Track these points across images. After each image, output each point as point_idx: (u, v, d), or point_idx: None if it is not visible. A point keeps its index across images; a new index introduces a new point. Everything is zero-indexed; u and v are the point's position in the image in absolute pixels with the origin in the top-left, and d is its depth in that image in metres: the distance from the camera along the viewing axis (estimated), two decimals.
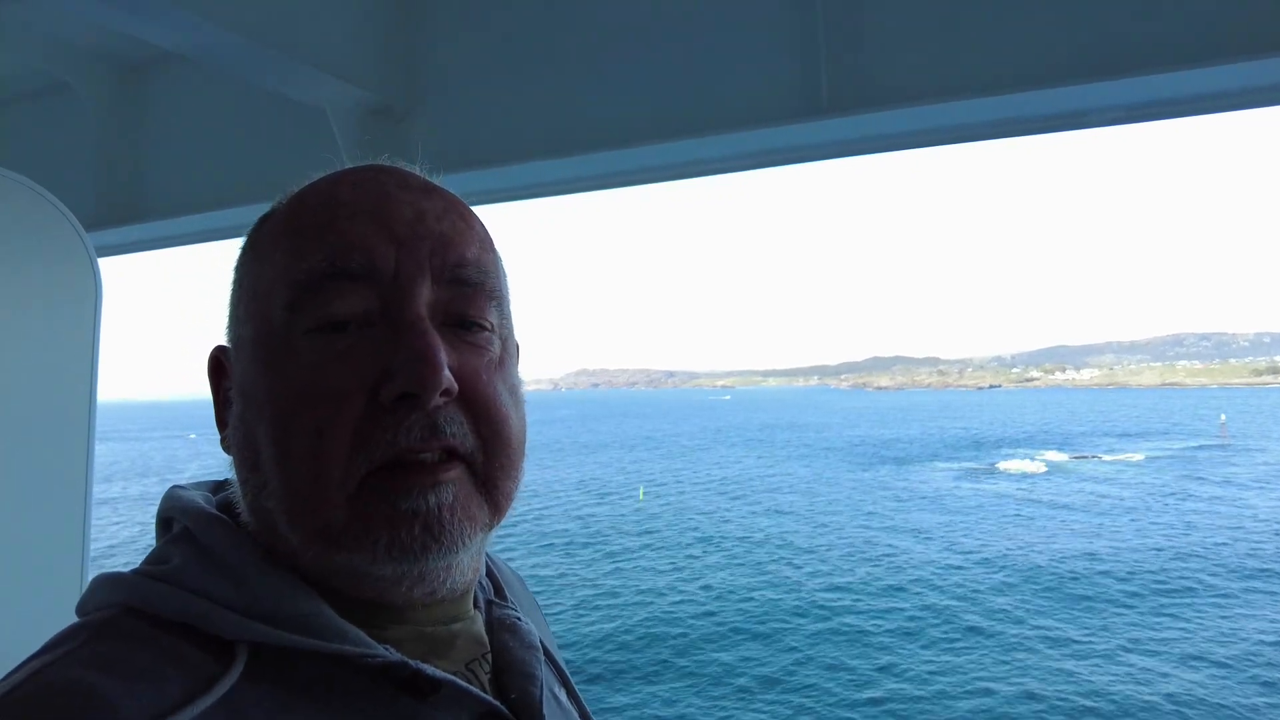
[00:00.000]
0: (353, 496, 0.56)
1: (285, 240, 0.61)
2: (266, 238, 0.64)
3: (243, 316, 0.63)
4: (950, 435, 74.57)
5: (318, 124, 2.23)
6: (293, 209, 0.64)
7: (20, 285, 1.55)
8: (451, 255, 0.61)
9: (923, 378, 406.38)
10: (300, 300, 0.58)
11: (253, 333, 0.61)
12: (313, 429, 0.56)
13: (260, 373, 0.60)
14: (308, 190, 0.65)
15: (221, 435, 0.66)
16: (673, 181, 2.28)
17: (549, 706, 0.68)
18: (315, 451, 0.56)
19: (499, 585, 0.80)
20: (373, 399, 0.56)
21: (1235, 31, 1.57)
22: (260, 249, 0.64)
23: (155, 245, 2.82)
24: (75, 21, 2.41)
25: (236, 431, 0.62)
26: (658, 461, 55.39)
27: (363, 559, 0.57)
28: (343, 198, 0.61)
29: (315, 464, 0.56)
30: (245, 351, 0.62)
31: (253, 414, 0.60)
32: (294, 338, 0.58)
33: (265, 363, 0.59)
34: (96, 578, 0.60)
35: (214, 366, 0.67)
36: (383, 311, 0.59)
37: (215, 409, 0.66)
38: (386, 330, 0.58)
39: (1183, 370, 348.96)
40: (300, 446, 0.56)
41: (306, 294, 0.58)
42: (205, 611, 0.56)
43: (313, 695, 0.55)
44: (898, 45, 1.83)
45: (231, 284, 0.67)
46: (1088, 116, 1.83)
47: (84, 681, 0.48)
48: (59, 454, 1.60)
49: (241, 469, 0.62)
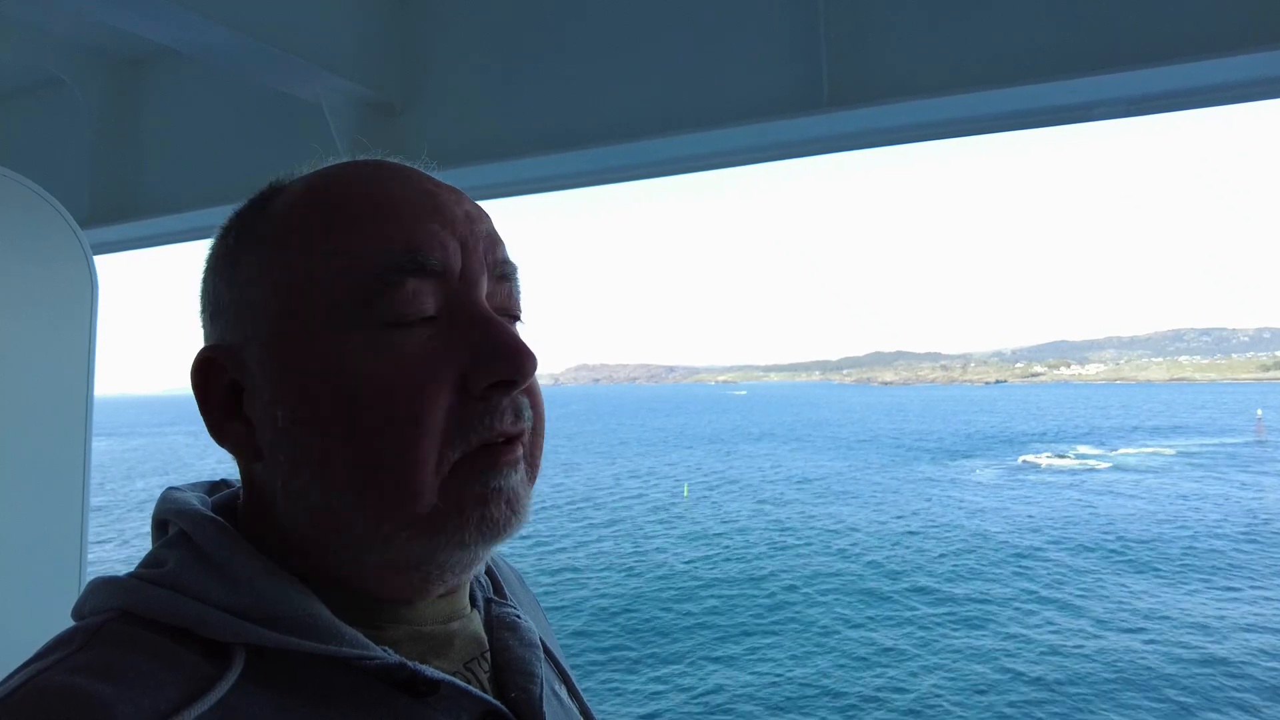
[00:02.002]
0: (445, 481, 0.59)
1: (338, 232, 0.60)
2: (295, 229, 0.62)
3: (275, 312, 0.61)
4: (977, 430, 74.98)
5: (314, 120, 2.22)
6: (332, 200, 0.62)
7: (15, 283, 1.54)
8: (498, 253, 0.66)
9: (926, 373, 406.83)
10: (376, 295, 0.59)
11: (300, 327, 0.59)
12: (409, 419, 0.57)
13: (323, 369, 0.59)
14: (337, 181, 0.64)
15: (227, 441, 0.64)
16: (672, 176, 2.27)
17: (549, 705, 0.68)
18: (413, 441, 0.57)
19: (498, 583, 0.80)
20: (461, 388, 0.59)
21: (1241, 23, 1.55)
22: (288, 240, 0.62)
23: (151, 243, 2.81)
24: (69, 17, 2.40)
25: (283, 434, 0.60)
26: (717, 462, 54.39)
27: (454, 539, 0.59)
28: (397, 193, 0.62)
29: (413, 453, 0.57)
30: (286, 348, 0.60)
31: (313, 412, 0.59)
32: (371, 332, 0.58)
33: (328, 357, 0.58)
34: (92, 581, 0.60)
35: (207, 370, 0.64)
36: (446, 307, 0.61)
37: (211, 416, 0.64)
38: (455, 325, 0.61)
39: (1190, 365, 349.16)
40: (394, 439, 0.57)
41: (385, 288, 0.59)
42: (201, 615, 0.55)
43: (311, 698, 0.55)
44: (899, 38, 1.82)
45: (234, 280, 0.63)
46: (1090, 110, 1.81)
47: (79, 687, 0.48)
48: (55, 452, 1.59)
49: (291, 471, 0.60)
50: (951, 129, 1.92)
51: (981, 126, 1.91)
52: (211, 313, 0.65)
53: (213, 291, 0.65)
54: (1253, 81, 1.66)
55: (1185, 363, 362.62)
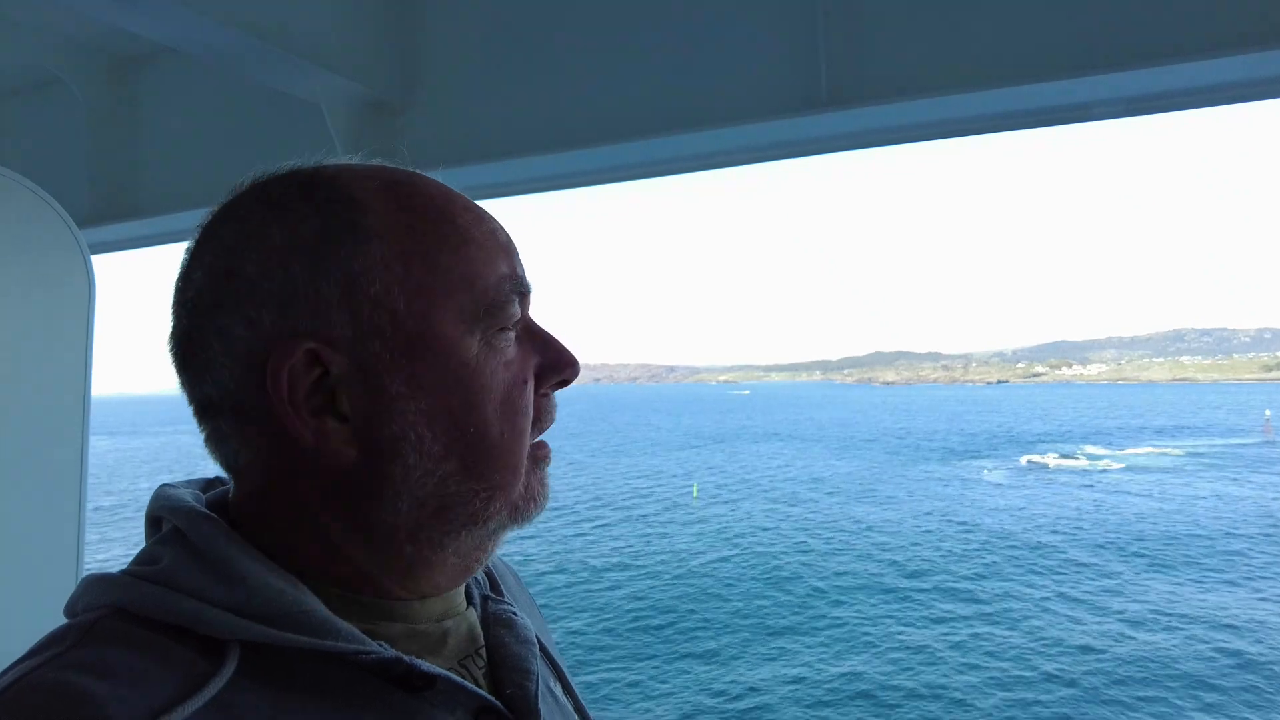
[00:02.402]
0: (528, 468, 0.68)
1: (462, 251, 0.65)
2: (427, 237, 0.63)
3: (405, 310, 0.61)
4: (983, 430, 74.85)
5: (312, 119, 2.21)
6: (448, 216, 0.66)
7: (13, 282, 1.54)
8: None
9: (927, 373, 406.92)
10: (489, 305, 0.65)
11: (433, 328, 0.63)
12: (524, 409, 0.66)
13: (452, 364, 0.63)
14: (441, 197, 0.68)
15: (305, 438, 0.61)
16: (672, 176, 2.26)
17: (545, 702, 0.68)
18: (523, 428, 0.66)
19: (494, 581, 0.80)
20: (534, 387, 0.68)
21: (1239, 23, 1.55)
22: (425, 247, 0.63)
23: (149, 242, 2.81)
24: (66, 15, 2.40)
25: (395, 427, 0.61)
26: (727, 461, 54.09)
27: (527, 517, 0.68)
28: (487, 218, 0.70)
29: (523, 439, 0.67)
30: (420, 344, 0.62)
31: (452, 400, 0.63)
32: (490, 335, 0.65)
33: (456, 355, 0.63)
34: (85, 578, 0.60)
35: (291, 363, 0.60)
36: (519, 319, 0.69)
37: (291, 411, 0.60)
38: (525, 335, 0.69)
39: (1192, 366, 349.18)
40: (514, 426, 0.66)
41: (498, 301, 0.65)
42: (196, 611, 0.55)
43: (306, 693, 0.55)
44: (898, 38, 1.82)
45: (329, 270, 0.61)
46: (1088, 110, 1.81)
47: (72, 685, 0.48)
48: (53, 451, 1.59)
49: (407, 458, 0.61)
50: (949, 129, 1.92)
51: (979, 126, 1.91)
52: (280, 299, 0.60)
53: (278, 277, 0.61)
54: (1251, 81, 1.66)
55: (1187, 363, 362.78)
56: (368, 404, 0.61)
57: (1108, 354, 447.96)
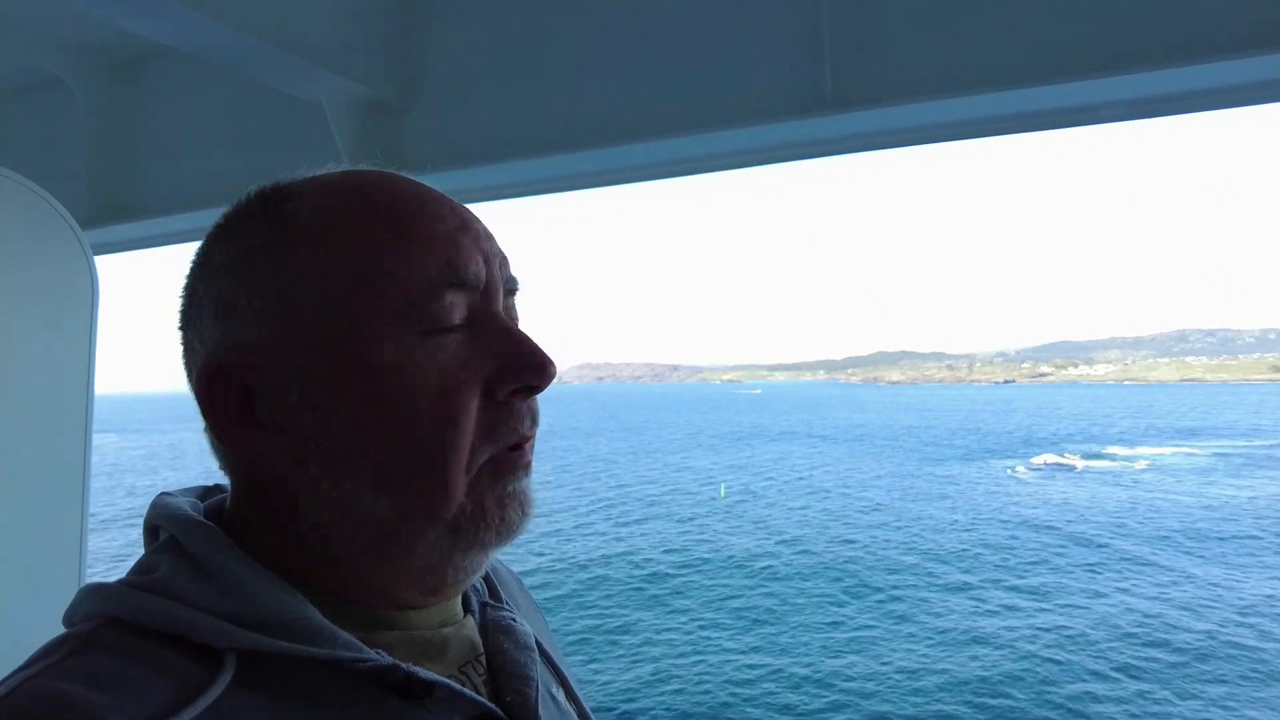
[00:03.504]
0: (473, 483, 0.62)
1: (390, 244, 0.62)
2: (351, 236, 0.62)
3: (322, 315, 0.61)
4: (1004, 430, 74.87)
5: (315, 120, 2.21)
6: (381, 211, 0.63)
7: (15, 283, 1.54)
8: (509, 269, 0.69)
9: (932, 372, 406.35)
10: (418, 305, 0.61)
11: (349, 332, 0.60)
12: (449, 421, 0.60)
13: (371, 371, 0.60)
14: (384, 191, 0.65)
15: (238, 449, 0.63)
16: (676, 178, 2.26)
17: (545, 708, 0.68)
18: (451, 440, 0.60)
19: (494, 587, 0.80)
20: (486, 393, 0.62)
21: (1245, 26, 1.54)
22: (346, 247, 0.62)
23: (152, 243, 2.80)
24: (67, 16, 2.39)
25: (321, 434, 0.60)
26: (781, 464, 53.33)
27: (475, 541, 0.62)
28: (434, 208, 0.65)
29: (451, 452, 0.60)
30: (335, 351, 0.60)
31: (367, 411, 0.60)
32: (410, 339, 0.60)
33: (375, 361, 0.60)
34: (83, 588, 0.60)
35: (220, 377, 0.63)
36: (472, 317, 0.64)
37: (223, 419, 0.63)
38: (481, 334, 0.63)
39: (1200, 366, 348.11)
40: (435, 439, 0.60)
41: (427, 299, 0.61)
42: (192, 620, 0.55)
43: (304, 701, 0.55)
44: (903, 39, 1.81)
45: (255, 283, 0.63)
46: (1095, 112, 1.80)
47: (67, 694, 0.48)
48: (55, 453, 1.59)
49: (328, 470, 0.60)
50: (954, 131, 1.91)
51: (984, 129, 1.90)
52: (217, 314, 0.64)
53: (219, 293, 0.64)
54: (1256, 84, 1.66)
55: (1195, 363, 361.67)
56: (286, 415, 0.62)
57: (1111, 354, 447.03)
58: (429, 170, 0.68)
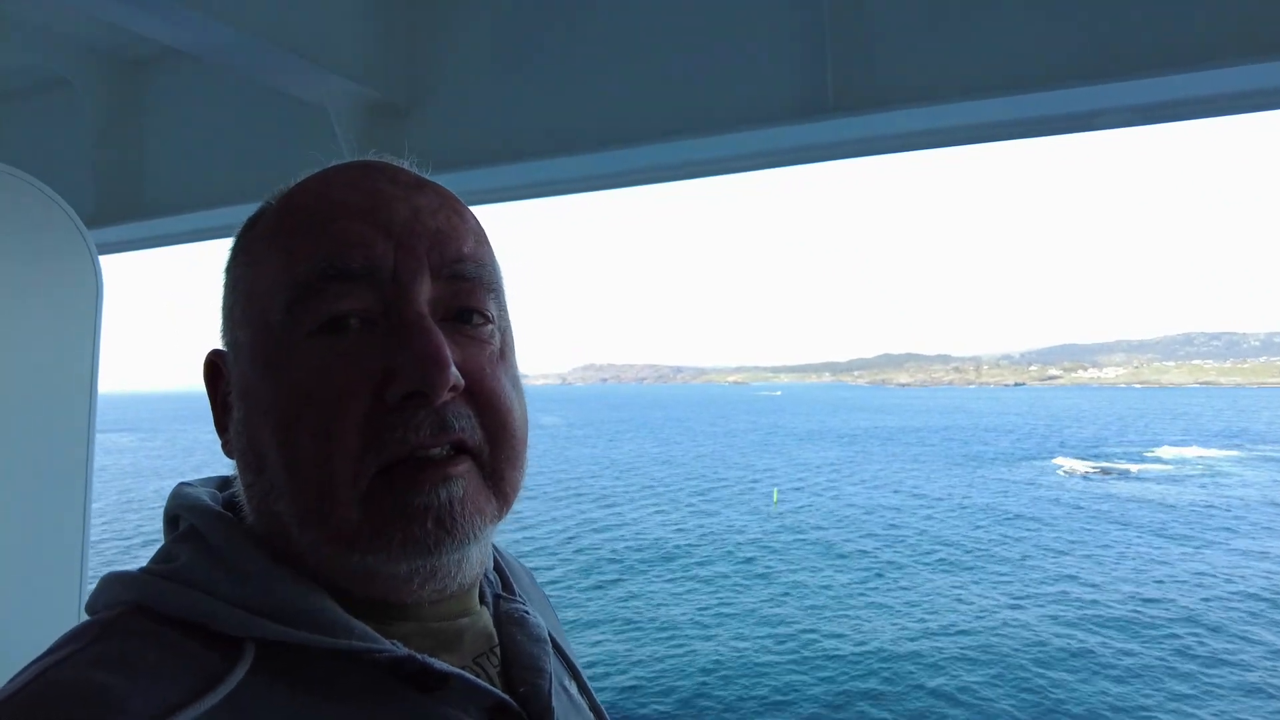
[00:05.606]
0: (365, 496, 0.56)
1: (280, 241, 0.62)
2: (259, 240, 0.64)
3: (239, 320, 0.63)
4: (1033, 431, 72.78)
5: (319, 121, 2.22)
6: (284, 210, 0.64)
7: (21, 282, 1.54)
8: (449, 251, 0.62)
9: (940, 375, 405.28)
10: (299, 302, 0.59)
11: (250, 336, 0.61)
12: (321, 431, 0.56)
13: (261, 376, 0.60)
14: (297, 190, 0.65)
15: (223, 440, 0.66)
16: (678, 181, 2.26)
17: (559, 699, 0.68)
18: (325, 453, 0.56)
19: (507, 579, 0.80)
20: (378, 398, 0.57)
21: (1249, 31, 1.55)
22: (253, 251, 0.64)
23: (156, 243, 2.82)
24: (74, 16, 2.41)
25: (240, 436, 0.62)
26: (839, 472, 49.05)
27: (378, 558, 0.57)
28: (335, 197, 0.62)
29: (326, 466, 0.56)
30: (244, 355, 0.62)
31: (256, 418, 0.60)
32: (295, 340, 0.59)
33: (266, 366, 0.60)
34: (105, 576, 0.61)
35: (211, 371, 0.67)
36: (384, 311, 0.59)
37: (214, 414, 0.66)
38: (389, 329, 0.58)
39: (1211, 369, 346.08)
40: (309, 449, 0.56)
41: (306, 295, 0.58)
42: (212, 609, 0.56)
43: (320, 691, 0.55)
44: (904, 45, 1.81)
45: (224, 287, 0.67)
46: (1097, 118, 1.80)
47: (91, 680, 0.49)
48: (60, 450, 1.60)
49: (246, 473, 0.62)
50: (955, 137, 1.92)
51: (985, 134, 1.90)
52: (220, 313, 0.68)
53: (221, 293, 0.68)
54: (1259, 91, 1.65)
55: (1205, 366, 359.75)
56: (229, 416, 0.65)
57: (1117, 357, 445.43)
58: (431, 173, 0.67)
